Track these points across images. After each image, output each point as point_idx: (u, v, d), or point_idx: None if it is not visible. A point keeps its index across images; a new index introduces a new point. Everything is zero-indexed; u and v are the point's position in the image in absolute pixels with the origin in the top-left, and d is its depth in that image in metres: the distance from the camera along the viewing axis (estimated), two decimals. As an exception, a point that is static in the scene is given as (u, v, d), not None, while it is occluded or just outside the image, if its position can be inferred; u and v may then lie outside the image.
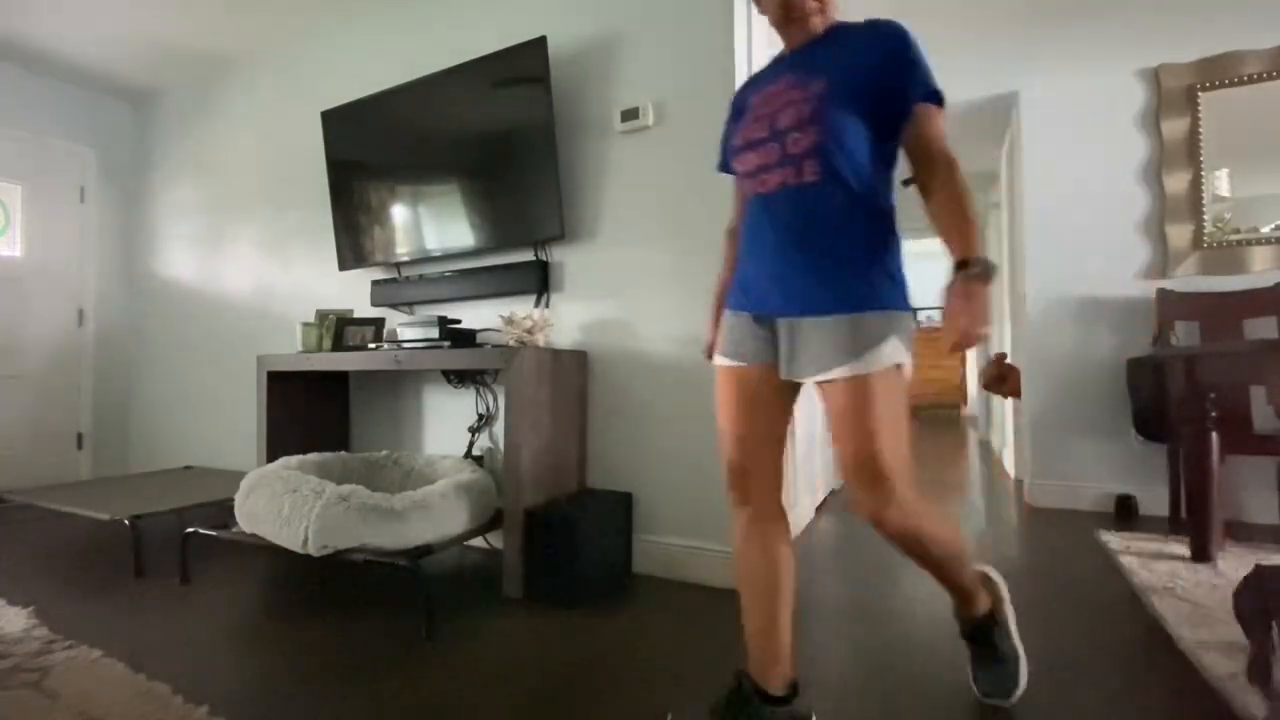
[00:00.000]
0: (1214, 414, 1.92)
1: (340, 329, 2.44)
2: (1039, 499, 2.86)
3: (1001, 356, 3.41)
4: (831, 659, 1.40)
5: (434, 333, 2.13)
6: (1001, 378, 3.32)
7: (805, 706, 1.08)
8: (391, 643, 1.50)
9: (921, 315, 8.17)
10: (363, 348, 2.34)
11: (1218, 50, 2.60)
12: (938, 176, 1.01)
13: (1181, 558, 2.02)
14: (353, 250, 2.66)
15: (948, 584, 1.15)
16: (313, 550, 1.61)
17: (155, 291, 3.71)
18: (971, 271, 0.91)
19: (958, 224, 0.97)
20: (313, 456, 2.13)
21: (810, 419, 2.78)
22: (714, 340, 1.25)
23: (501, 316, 2.05)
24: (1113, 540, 2.23)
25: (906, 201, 5.63)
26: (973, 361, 7.26)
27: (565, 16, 2.23)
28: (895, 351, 0.98)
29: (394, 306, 2.61)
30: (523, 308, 2.29)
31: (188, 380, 3.50)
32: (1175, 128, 2.64)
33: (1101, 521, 2.55)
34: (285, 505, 1.68)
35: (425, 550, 1.67)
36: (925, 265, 8.27)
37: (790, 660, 1.08)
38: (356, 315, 2.70)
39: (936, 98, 1.05)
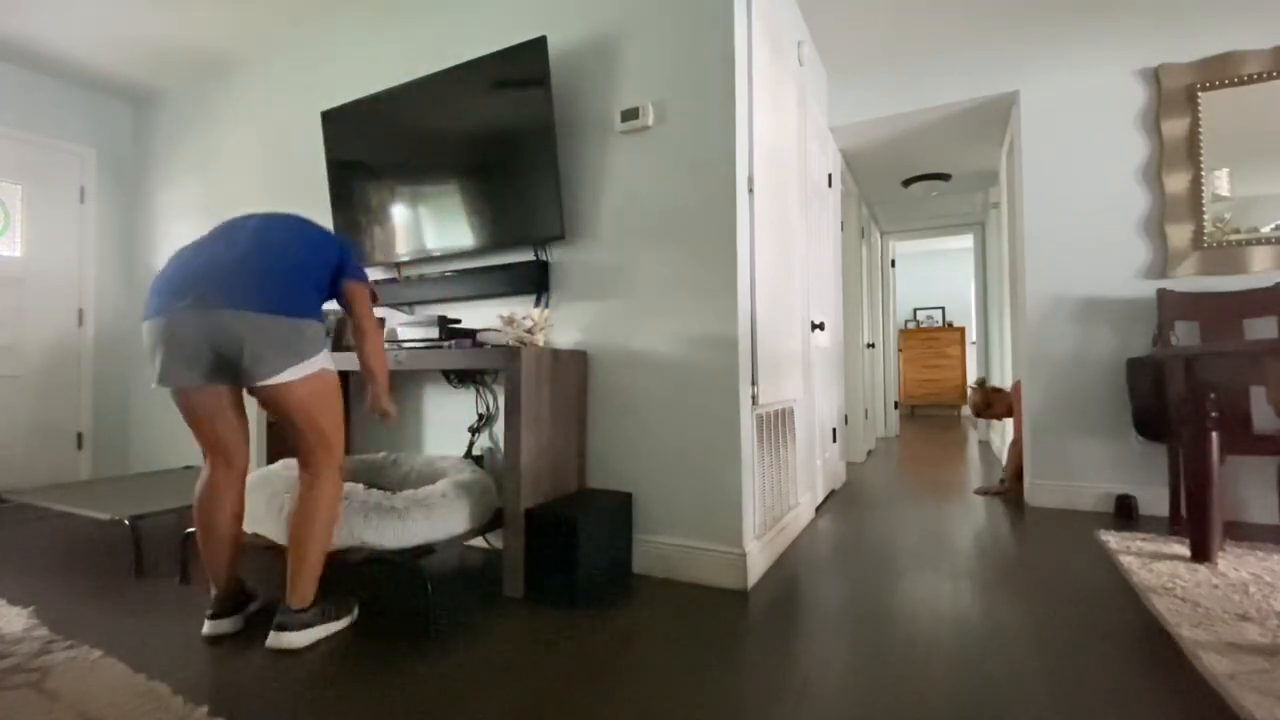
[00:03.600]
0: (1214, 414, 1.92)
1: (340, 329, 2.44)
2: (1039, 499, 2.86)
3: (982, 382, 3.44)
4: (831, 659, 1.40)
5: (434, 333, 2.13)
6: (987, 403, 3.36)
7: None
8: (392, 642, 1.50)
9: (921, 314, 8.17)
10: (363, 348, 2.34)
11: (1218, 50, 2.60)
12: None
13: (1181, 558, 2.02)
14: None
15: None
16: None
17: (155, 291, 3.70)
18: None
19: None
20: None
21: (810, 419, 2.78)
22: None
23: (501, 316, 2.05)
24: (1113, 540, 2.23)
25: (905, 200, 5.62)
26: (972, 363, 7.25)
27: (565, 16, 2.23)
28: None
29: (394, 306, 2.61)
30: (523, 308, 2.29)
31: (188, 380, 3.50)
32: (1175, 128, 2.64)
33: (1101, 521, 2.55)
34: (286, 504, 1.68)
35: (427, 550, 1.67)
36: (923, 265, 8.27)
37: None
38: (356, 315, 2.70)
39: None
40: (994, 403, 3.35)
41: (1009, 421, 3.86)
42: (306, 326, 1.48)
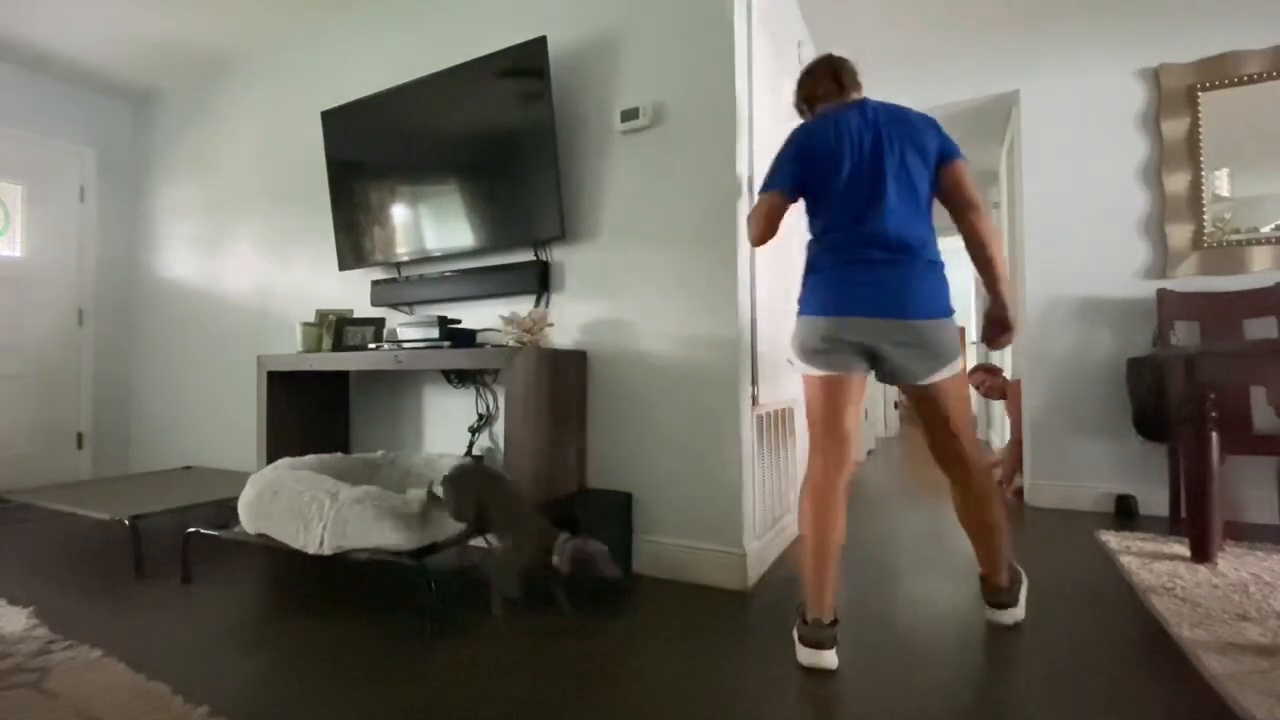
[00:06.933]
0: (1214, 414, 1.92)
1: (340, 329, 2.44)
2: (1039, 499, 2.86)
3: (986, 368, 3.45)
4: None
5: (434, 333, 2.13)
6: (987, 376, 3.38)
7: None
8: (391, 642, 1.50)
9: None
10: (363, 348, 2.34)
11: (1218, 50, 2.60)
12: None
13: (1181, 558, 2.02)
14: (353, 250, 2.66)
15: None
16: (327, 550, 1.62)
17: (155, 291, 3.71)
18: None
19: None
20: (309, 459, 2.13)
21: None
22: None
23: (501, 316, 2.05)
24: (1113, 540, 2.23)
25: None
26: (972, 363, 7.24)
27: (565, 16, 2.23)
28: None
29: (394, 306, 2.61)
30: (523, 308, 2.29)
31: (188, 380, 3.50)
32: (1175, 128, 2.64)
33: (1101, 521, 2.55)
34: (300, 506, 1.68)
35: (429, 549, 1.67)
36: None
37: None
38: (356, 315, 2.70)
39: None
40: (989, 383, 3.36)
41: (1009, 421, 3.85)
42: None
